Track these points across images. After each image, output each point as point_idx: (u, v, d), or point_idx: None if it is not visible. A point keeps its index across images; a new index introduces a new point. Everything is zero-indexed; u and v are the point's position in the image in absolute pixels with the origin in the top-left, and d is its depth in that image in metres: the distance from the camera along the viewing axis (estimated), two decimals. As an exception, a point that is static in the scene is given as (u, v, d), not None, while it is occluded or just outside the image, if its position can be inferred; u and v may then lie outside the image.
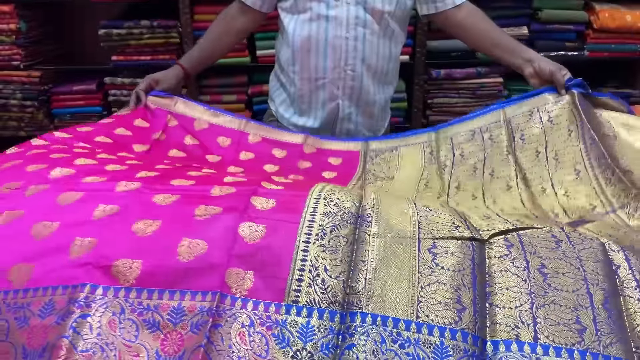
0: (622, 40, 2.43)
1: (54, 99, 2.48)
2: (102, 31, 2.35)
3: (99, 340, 0.66)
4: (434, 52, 2.45)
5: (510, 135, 1.28)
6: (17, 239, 0.76)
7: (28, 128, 2.49)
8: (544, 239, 0.78)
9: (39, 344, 0.66)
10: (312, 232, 0.76)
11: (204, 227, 0.76)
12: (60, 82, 2.54)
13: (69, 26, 2.69)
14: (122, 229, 0.76)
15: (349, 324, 0.67)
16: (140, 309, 0.68)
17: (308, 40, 1.43)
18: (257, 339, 0.66)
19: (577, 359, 0.63)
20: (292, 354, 0.65)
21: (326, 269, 0.72)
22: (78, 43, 2.70)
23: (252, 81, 2.49)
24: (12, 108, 2.44)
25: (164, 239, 0.74)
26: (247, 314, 0.68)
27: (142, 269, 0.71)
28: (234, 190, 0.86)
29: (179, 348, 0.66)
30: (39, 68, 2.45)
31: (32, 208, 0.82)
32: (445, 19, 1.50)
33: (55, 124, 2.50)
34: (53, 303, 0.69)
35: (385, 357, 0.64)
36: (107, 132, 1.28)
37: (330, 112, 1.51)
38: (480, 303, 0.69)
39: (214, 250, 0.72)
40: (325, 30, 1.42)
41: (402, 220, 0.81)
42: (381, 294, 0.70)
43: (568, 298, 0.68)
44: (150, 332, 0.67)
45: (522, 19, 2.43)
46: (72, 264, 0.72)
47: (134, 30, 2.35)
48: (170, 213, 0.79)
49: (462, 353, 0.65)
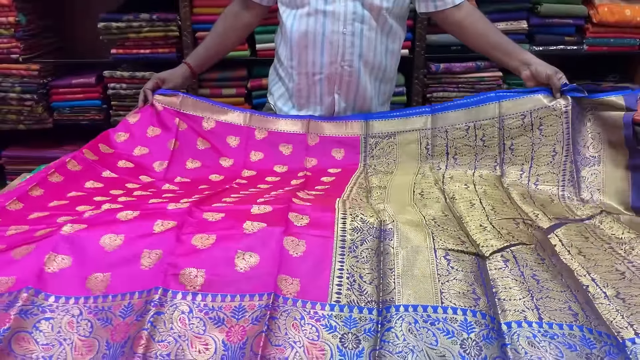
0: (621, 35, 2.44)
1: (53, 92, 2.47)
2: (102, 24, 2.35)
3: (172, 333, 0.75)
4: (434, 46, 2.44)
5: (501, 139, 1.34)
6: (88, 252, 0.87)
7: (27, 121, 2.49)
8: (531, 255, 0.94)
9: (121, 338, 0.75)
10: (345, 246, 0.91)
11: (254, 241, 0.89)
12: (59, 75, 2.54)
13: (68, 19, 2.68)
14: (183, 241, 0.88)
15: (385, 314, 0.79)
16: (206, 309, 0.79)
17: (305, 35, 1.43)
18: (309, 329, 0.77)
19: (576, 331, 0.76)
20: (340, 336, 0.76)
21: (361, 276, 0.86)
22: (77, 36, 2.70)
23: (251, 75, 2.49)
24: (11, 101, 2.44)
25: (221, 252, 0.87)
26: (298, 310, 0.79)
27: (206, 278, 0.83)
28: (271, 208, 1.00)
29: (242, 337, 0.75)
30: (38, 61, 2.45)
31: (93, 222, 0.93)
32: (444, 18, 1.50)
33: (55, 117, 2.50)
34: (132, 305, 0.79)
35: (420, 333, 0.75)
36: (128, 155, 1.39)
37: (327, 106, 1.51)
38: (491, 297, 0.82)
39: (265, 262, 0.85)
40: (323, 25, 1.42)
41: (418, 234, 0.96)
42: (409, 291, 0.82)
43: (559, 297, 0.83)
44: (216, 327, 0.77)
45: (521, 12, 2.42)
46: (145, 273, 0.84)
47: (133, 23, 2.35)
48: (222, 228, 0.92)
49: (483, 327, 0.77)
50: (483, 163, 1.35)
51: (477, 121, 1.36)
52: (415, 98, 2.51)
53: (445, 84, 2.49)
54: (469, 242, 0.96)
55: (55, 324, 0.77)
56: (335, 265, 0.87)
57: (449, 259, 0.89)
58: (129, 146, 1.41)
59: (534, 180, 1.29)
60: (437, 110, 1.41)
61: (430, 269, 0.87)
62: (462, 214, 1.11)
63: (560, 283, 0.86)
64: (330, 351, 0.74)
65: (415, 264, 0.87)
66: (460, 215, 1.11)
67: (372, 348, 0.74)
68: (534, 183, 1.29)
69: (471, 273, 0.86)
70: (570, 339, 0.75)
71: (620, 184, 1.24)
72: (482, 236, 0.99)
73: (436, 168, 1.38)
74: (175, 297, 0.80)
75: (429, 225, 1.00)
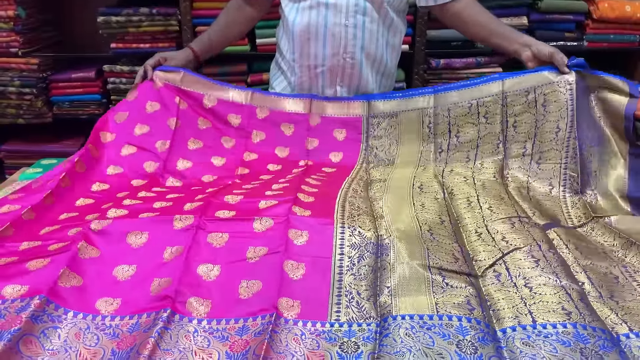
0: (622, 31, 2.44)
1: (53, 87, 2.47)
2: (101, 18, 2.34)
3: (177, 345, 0.78)
4: (434, 42, 2.44)
5: (504, 116, 1.33)
6: (100, 279, 0.91)
7: (26, 115, 2.48)
8: (525, 261, 0.95)
9: (127, 346, 0.77)
10: (343, 265, 0.94)
11: (256, 269, 0.93)
12: (58, 69, 2.53)
13: (67, 13, 2.67)
14: (190, 270, 0.92)
15: (383, 324, 0.81)
16: (210, 329, 0.82)
17: (307, 28, 1.44)
18: (309, 342, 0.79)
19: (569, 328, 0.77)
20: (340, 344, 0.78)
21: (359, 292, 0.88)
22: (77, 30, 2.69)
23: (251, 70, 2.49)
24: (10, 95, 2.43)
25: (226, 283, 0.90)
26: (299, 329, 0.81)
27: (212, 307, 0.86)
28: (272, 223, 1.02)
29: (245, 347, 0.77)
30: (38, 55, 2.44)
31: (106, 249, 0.97)
32: (444, 11, 1.51)
33: (54, 111, 2.50)
34: (139, 324, 0.82)
35: (417, 336, 0.77)
36: (129, 137, 1.38)
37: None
38: (485, 308, 0.84)
39: (267, 287, 0.88)
40: (325, 17, 1.42)
41: (413, 249, 0.97)
42: (406, 304, 0.84)
43: (552, 299, 0.84)
44: (220, 342, 0.79)
45: (521, 8, 2.43)
46: (153, 298, 0.87)
47: (133, 17, 2.34)
48: (226, 256, 0.96)
49: (479, 331, 0.77)
50: (486, 141, 1.34)
51: (480, 98, 1.36)
52: (415, 93, 2.51)
53: (446, 79, 2.49)
54: (462, 259, 0.98)
55: (62, 333, 0.79)
56: (334, 285, 0.90)
57: (444, 276, 0.91)
58: (130, 125, 1.40)
59: (536, 158, 1.28)
60: (439, 90, 1.41)
61: (425, 284, 0.89)
62: (460, 215, 1.12)
63: (554, 284, 0.87)
64: (330, 356, 0.75)
65: (411, 281, 0.89)
66: (458, 216, 1.12)
67: (371, 351, 0.76)
68: (536, 162, 1.28)
69: (465, 288, 0.88)
70: (564, 336, 0.76)
71: (620, 171, 1.24)
72: (476, 247, 1.01)
73: (438, 150, 1.37)
74: (182, 320, 0.83)
75: (424, 238, 1.02)
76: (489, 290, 0.89)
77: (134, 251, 0.98)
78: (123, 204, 1.14)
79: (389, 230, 1.03)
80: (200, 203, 1.11)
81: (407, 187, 1.24)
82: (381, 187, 1.23)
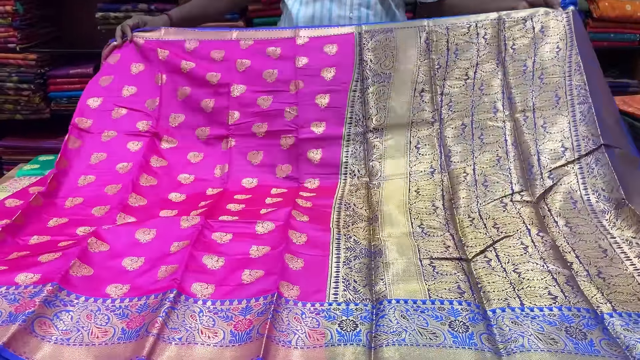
0: (622, 30, 2.43)
1: (51, 82, 2.46)
2: (99, 14, 2.33)
3: (184, 324, 0.81)
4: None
5: (502, 40, 1.35)
6: (110, 269, 0.96)
7: (24, 111, 2.47)
8: (515, 249, 1.00)
9: (136, 326, 0.81)
10: (340, 260, 0.99)
11: (259, 261, 0.97)
12: (56, 65, 2.52)
13: (65, 9, 2.66)
14: (196, 260, 0.96)
15: (379, 306, 0.85)
16: (215, 310, 0.85)
17: (312, 20, 1.43)
18: (309, 320, 0.82)
19: (555, 311, 0.83)
20: (339, 323, 0.82)
21: (355, 280, 0.93)
22: (75, 26, 2.67)
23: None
24: (8, 91, 2.42)
25: (230, 272, 0.95)
26: (299, 309, 0.85)
27: (215, 290, 0.90)
28: (274, 226, 1.08)
29: (249, 326, 0.80)
30: (35, 51, 2.43)
31: (115, 243, 1.01)
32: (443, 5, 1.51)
33: (52, 107, 2.48)
34: (147, 304, 0.86)
35: (412, 318, 0.82)
36: (116, 100, 1.38)
37: None
38: (476, 290, 0.90)
39: (269, 275, 0.92)
40: (329, 10, 1.42)
41: (405, 250, 1.02)
42: (399, 290, 0.89)
43: (539, 284, 0.90)
44: (225, 322, 0.82)
45: (522, 7, 2.41)
46: (161, 281, 0.91)
47: (131, 13, 2.33)
48: (230, 251, 1.00)
49: (469, 312, 0.83)
50: (485, 59, 1.35)
51: (479, 21, 1.37)
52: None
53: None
54: (453, 245, 1.03)
55: (74, 315, 0.83)
56: (331, 274, 0.95)
57: (434, 266, 0.96)
58: (116, 87, 1.39)
59: (538, 74, 1.30)
60: (436, 18, 1.41)
61: (417, 275, 0.93)
62: (455, 193, 1.15)
63: (541, 269, 0.93)
64: (330, 334, 0.79)
65: (404, 273, 0.94)
66: (453, 195, 1.17)
67: (369, 330, 0.80)
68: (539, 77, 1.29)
69: (455, 274, 0.93)
70: (550, 318, 0.82)
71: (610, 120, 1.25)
72: (468, 233, 1.07)
73: (436, 66, 1.35)
74: (187, 300, 0.86)
75: (415, 235, 1.07)
76: (480, 273, 0.94)
77: (143, 245, 1.02)
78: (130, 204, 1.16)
79: (381, 238, 1.07)
80: (204, 209, 1.16)
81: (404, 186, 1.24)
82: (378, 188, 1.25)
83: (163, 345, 0.76)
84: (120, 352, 0.76)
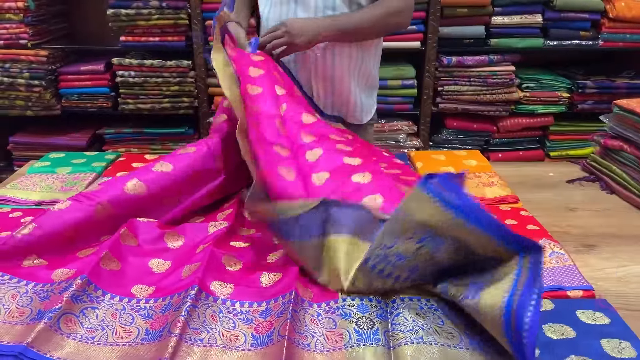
0: (638, 30, 2.40)
1: (62, 79, 2.47)
2: (111, 11, 2.33)
3: (205, 325, 0.82)
4: (446, 39, 2.41)
5: None
6: (137, 267, 0.98)
7: (35, 108, 2.48)
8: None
9: (159, 326, 0.82)
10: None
11: (277, 265, 0.99)
12: (67, 62, 2.53)
13: (77, 5, 2.67)
14: (215, 258, 0.98)
15: (391, 304, 0.87)
16: (235, 312, 0.86)
17: (278, 22, 1.41)
18: (326, 321, 0.84)
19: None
20: (355, 320, 0.83)
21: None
22: (86, 23, 2.68)
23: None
24: (19, 87, 2.43)
25: (248, 275, 0.96)
26: (314, 310, 0.86)
27: (234, 290, 0.91)
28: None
29: (269, 328, 0.82)
30: (47, 47, 2.44)
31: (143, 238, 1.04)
32: None
33: (63, 104, 2.49)
34: (171, 303, 0.87)
35: (426, 314, 0.84)
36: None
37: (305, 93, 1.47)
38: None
39: (286, 277, 0.93)
40: (295, 12, 1.39)
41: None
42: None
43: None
44: (245, 325, 0.83)
45: (536, 6, 2.39)
46: (184, 280, 0.93)
47: (142, 10, 2.33)
48: (249, 256, 1.02)
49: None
50: None
51: None
52: (425, 91, 2.48)
53: (457, 77, 2.46)
54: None
55: (100, 313, 0.84)
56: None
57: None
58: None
59: None
60: None
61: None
62: None
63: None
64: (348, 334, 0.80)
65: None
66: None
67: (386, 329, 0.81)
68: None
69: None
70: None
71: None
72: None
73: None
74: (207, 298, 0.87)
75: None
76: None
77: (170, 250, 1.05)
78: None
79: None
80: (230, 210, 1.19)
81: None
82: None
83: (186, 347, 0.77)
84: (144, 352, 0.77)
